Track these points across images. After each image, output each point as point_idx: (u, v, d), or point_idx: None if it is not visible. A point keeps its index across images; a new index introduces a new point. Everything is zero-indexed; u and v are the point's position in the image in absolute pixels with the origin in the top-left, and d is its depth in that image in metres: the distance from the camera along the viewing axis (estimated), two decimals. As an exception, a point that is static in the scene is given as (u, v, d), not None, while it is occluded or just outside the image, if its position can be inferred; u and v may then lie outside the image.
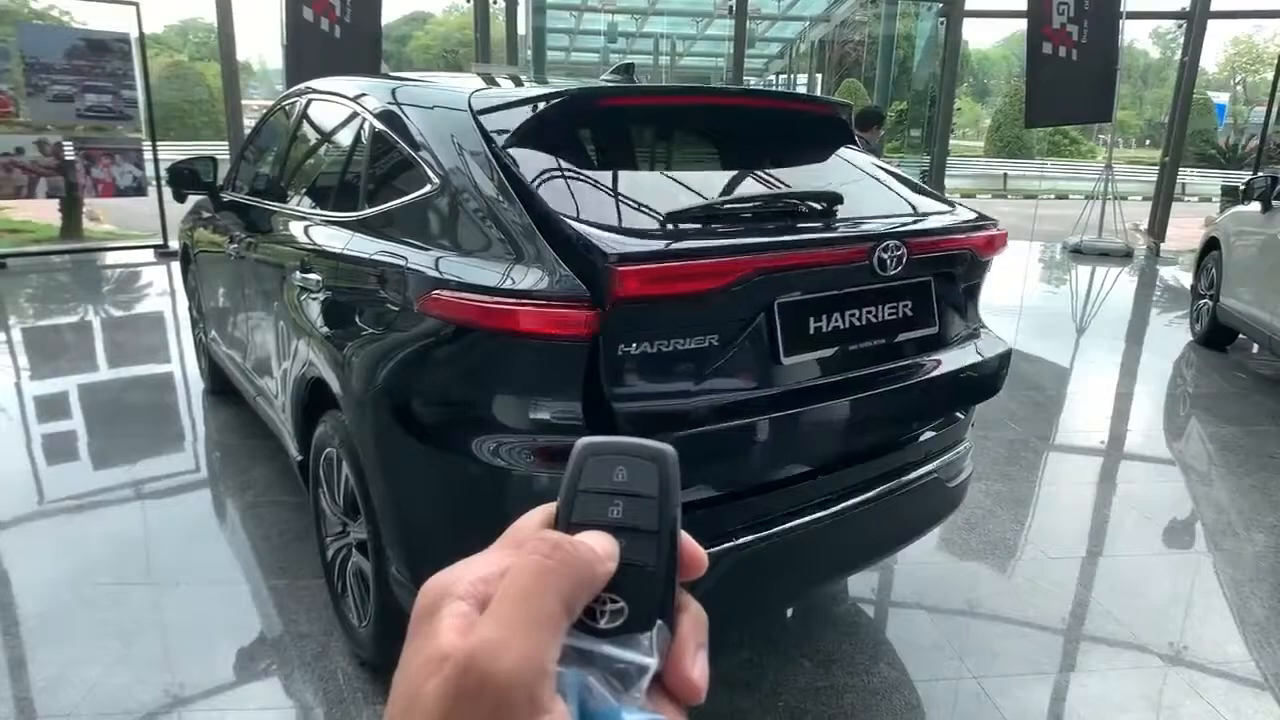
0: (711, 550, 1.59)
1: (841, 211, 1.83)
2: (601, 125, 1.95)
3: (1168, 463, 3.83)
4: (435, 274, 1.66)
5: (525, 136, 1.73)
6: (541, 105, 1.80)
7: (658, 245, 1.52)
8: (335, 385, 1.97)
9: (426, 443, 1.66)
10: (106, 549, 2.69)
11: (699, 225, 1.65)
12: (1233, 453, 3.81)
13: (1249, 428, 4.16)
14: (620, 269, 1.42)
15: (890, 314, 1.83)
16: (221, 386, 3.87)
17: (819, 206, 1.84)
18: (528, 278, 1.52)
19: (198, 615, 2.35)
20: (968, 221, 1.99)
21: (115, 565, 2.59)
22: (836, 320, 1.73)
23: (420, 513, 1.74)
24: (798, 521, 1.73)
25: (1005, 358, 2.06)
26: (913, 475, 1.97)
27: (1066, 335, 6.31)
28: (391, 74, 2.60)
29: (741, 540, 1.65)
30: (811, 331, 1.70)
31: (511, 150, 1.70)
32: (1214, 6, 9.83)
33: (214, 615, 2.35)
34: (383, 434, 1.76)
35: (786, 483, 1.76)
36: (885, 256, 1.72)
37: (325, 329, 2.07)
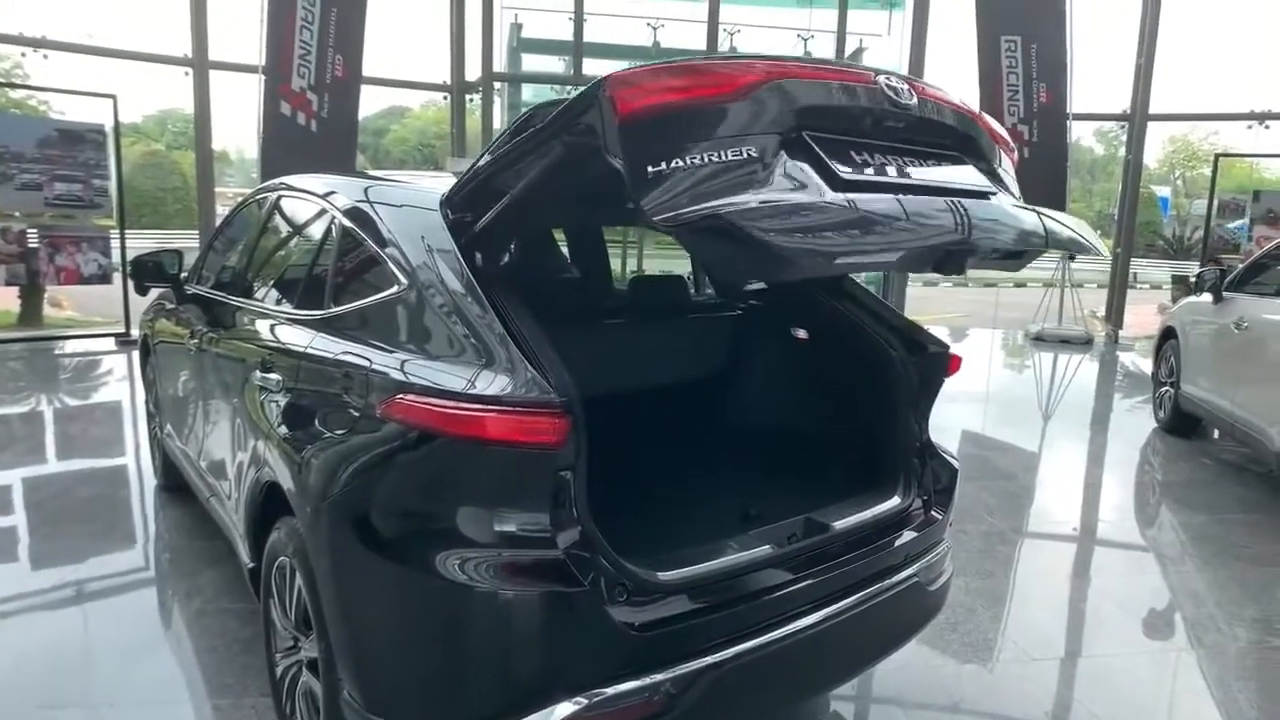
0: (688, 668, 1.52)
1: None
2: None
3: (1143, 552, 3.81)
4: (400, 377, 1.61)
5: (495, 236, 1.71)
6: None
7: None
8: (291, 490, 1.88)
9: (385, 555, 1.57)
10: (38, 665, 2.50)
11: None
12: (1207, 543, 3.80)
13: (1219, 516, 4.16)
14: (616, 90, 1.30)
15: (934, 166, 1.67)
16: (175, 483, 3.71)
17: None
18: (495, 383, 1.47)
19: (131, 740, 2.17)
20: None
21: (46, 684, 2.40)
22: (881, 159, 1.57)
23: (375, 630, 1.62)
24: (776, 634, 1.65)
25: (1082, 225, 1.82)
26: (892, 580, 1.91)
27: (1034, 423, 6.36)
28: (365, 172, 2.60)
29: (716, 657, 1.56)
30: (859, 160, 1.52)
31: (480, 250, 1.68)
32: (1152, 110, 10.44)
33: (149, 740, 2.17)
34: (339, 544, 1.66)
35: (769, 588, 1.69)
36: (894, 85, 1.57)
37: (284, 431, 1.99)
